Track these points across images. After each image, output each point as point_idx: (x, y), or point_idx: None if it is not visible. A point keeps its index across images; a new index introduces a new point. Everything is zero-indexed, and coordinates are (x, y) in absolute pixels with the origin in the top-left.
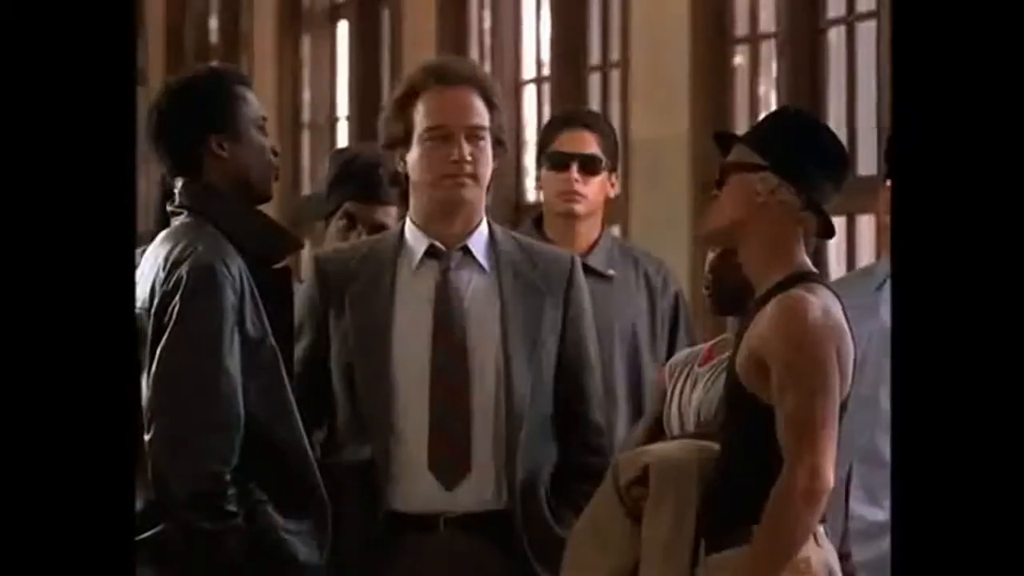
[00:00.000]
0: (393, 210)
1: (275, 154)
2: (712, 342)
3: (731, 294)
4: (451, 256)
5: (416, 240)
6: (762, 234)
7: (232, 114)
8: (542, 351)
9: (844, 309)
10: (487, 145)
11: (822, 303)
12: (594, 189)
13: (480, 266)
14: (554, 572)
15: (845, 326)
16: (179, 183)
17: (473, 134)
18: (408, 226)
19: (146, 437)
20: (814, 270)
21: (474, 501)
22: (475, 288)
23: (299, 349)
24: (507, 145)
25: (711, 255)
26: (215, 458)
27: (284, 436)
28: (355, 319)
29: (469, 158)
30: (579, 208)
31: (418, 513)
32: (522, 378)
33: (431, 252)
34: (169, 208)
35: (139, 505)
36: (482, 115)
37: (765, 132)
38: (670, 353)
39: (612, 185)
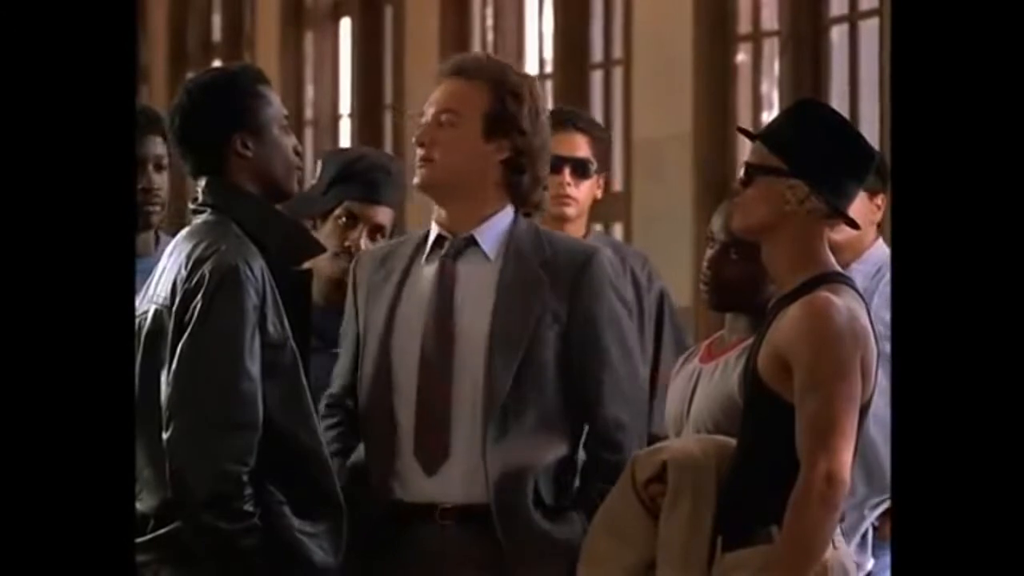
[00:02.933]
0: (391, 212)
1: (297, 153)
2: (709, 340)
3: (729, 290)
4: (453, 244)
5: (434, 229)
6: (789, 236)
7: (256, 113)
8: (538, 345)
9: (868, 311)
10: (454, 129)
11: (847, 306)
12: (584, 192)
13: (484, 256)
14: (531, 568)
15: (869, 328)
16: (202, 181)
17: (436, 119)
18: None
19: (165, 436)
20: (839, 270)
21: (464, 493)
22: (473, 278)
23: (344, 347)
24: (520, 132)
25: (709, 251)
26: (233, 458)
27: (303, 439)
28: (369, 309)
29: (425, 141)
30: (570, 211)
31: (414, 503)
32: (502, 372)
33: (438, 240)
34: (191, 206)
35: (155, 503)
36: (453, 101)
37: (791, 135)
38: (656, 350)
39: (599, 186)
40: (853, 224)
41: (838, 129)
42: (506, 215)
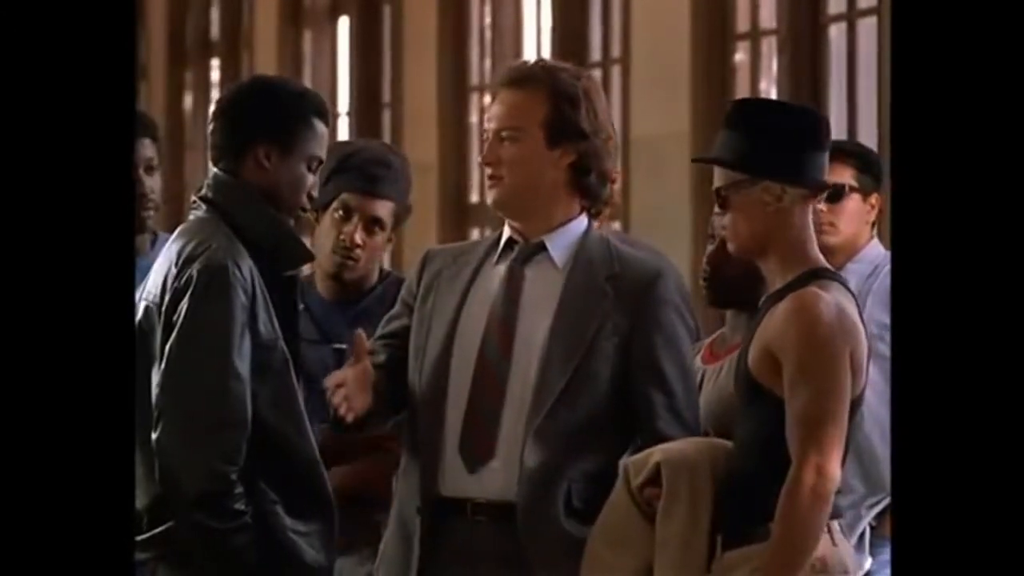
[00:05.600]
0: (390, 205)
1: (310, 198)
2: (710, 339)
3: (729, 286)
4: (523, 249)
5: (506, 232)
6: (780, 238)
7: (295, 137)
8: (594, 356)
9: (858, 306)
10: (517, 144)
11: (836, 301)
12: None
13: (553, 263)
14: (552, 566)
15: (859, 324)
16: (211, 171)
17: (498, 136)
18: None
19: (154, 435)
20: (828, 266)
21: (500, 490)
22: (539, 284)
23: (388, 328)
24: (582, 136)
25: (710, 247)
26: (222, 458)
27: (294, 440)
28: (436, 303)
29: (491, 160)
30: None
31: (449, 497)
32: (554, 378)
33: (509, 244)
34: (193, 197)
35: (147, 501)
36: (512, 115)
37: (739, 143)
38: None
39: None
40: (836, 187)
41: (776, 113)
42: (579, 224)
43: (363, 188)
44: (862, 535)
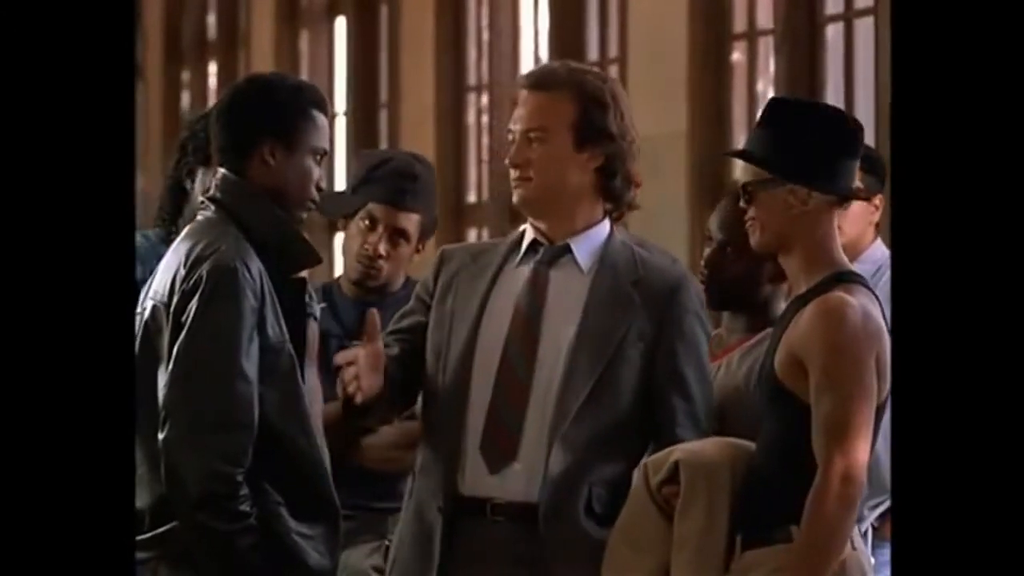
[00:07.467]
0: (416, 217)
1: (319, 189)
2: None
3: (727, 288)
4: (548, 251)
5: (528, 233)
6: (804, 239)
7: (296, 131)
8: (619, 360)
9: (883, 310)
10: (545, 145)
11: (862, 306)
12: None
13: (578, 266)
14: (573, 569)
15: (884, 328)
16: (219, 172)
17: (525, 136)
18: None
19: (160, 435)
20: (853, 269)
21: (522, 492)
22: (563, 287)
23: (402, 324)
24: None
25: (708, 249)
26: (227, 459)
27: (300, 443)
28: (456, 303)
29: (519, 162)
30: None
31: (469, 496)
32: (580, 383)
33: (533, 246)
34: (200, 198)
35: (150, 500)
36: (540, 116)
37: (770, 143)
38: None
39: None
40: (865, 197)
41: (812, 116)
42: (602, 228)
43: (389, 200)
44: (864, 535)
